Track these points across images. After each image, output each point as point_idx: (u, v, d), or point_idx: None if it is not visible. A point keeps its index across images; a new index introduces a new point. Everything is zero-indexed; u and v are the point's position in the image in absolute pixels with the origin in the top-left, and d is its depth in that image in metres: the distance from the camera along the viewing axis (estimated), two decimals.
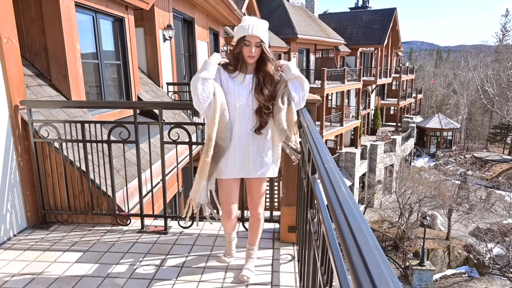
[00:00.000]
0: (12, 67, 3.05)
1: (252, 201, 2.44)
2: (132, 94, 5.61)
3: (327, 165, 1.27)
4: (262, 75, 2.21)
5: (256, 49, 2.14)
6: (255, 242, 2.51)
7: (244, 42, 2.13)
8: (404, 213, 18.70)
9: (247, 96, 2.21)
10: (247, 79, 2.23)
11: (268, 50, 2.20)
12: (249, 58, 2.17)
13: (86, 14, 4.60)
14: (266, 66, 2.20)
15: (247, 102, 2.20)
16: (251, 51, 2.14)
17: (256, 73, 2.23)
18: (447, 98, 49.04)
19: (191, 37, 8.75)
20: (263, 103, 2.19)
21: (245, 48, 2.15)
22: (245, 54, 2.16)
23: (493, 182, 25.20)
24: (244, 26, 2.12)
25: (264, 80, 2.20)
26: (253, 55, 2.15)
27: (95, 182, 3.28)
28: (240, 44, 2.15)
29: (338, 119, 21.83)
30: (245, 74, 2.23)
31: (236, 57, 2.20)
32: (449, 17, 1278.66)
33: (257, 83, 2.21)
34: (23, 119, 3.15)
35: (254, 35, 2.11)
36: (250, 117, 2.22)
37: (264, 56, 2.18)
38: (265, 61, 2.19)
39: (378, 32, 27.52)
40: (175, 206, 5.94)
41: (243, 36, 2.13)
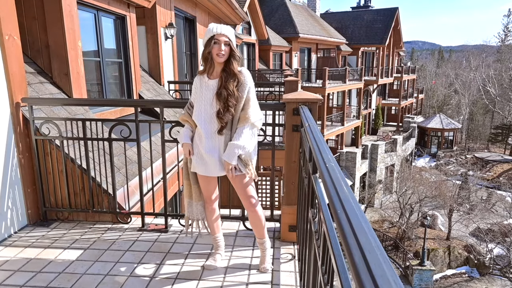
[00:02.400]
0: (14, 64, 3.05)
1: (242, 202, 2.49)
2: (133, 92, 5.61)
3: (329, 164, 1.26)
4: (225, 75, 2.30)
5: (225, 47, 2.25)
6: (262, 235, 2.52)
7: (213, 41, 2.24)
8: (404, 213, 18.69)
9: (210, 99, 2.32)
10: (213, 83, 2.34)
11: (236, 49, 2.31)
12: (218, 57, 2.25)
13: (88, 12, 4.60)
14: (232, 65, 2.29)
15: (211, 105, 2.32)
16: (220, 48, 2.24)
17: (221, 75, 2.31)
18: (448, 98, 48.96)
19: (193, 35, 8.74)
20: (222, 106, 2.28)
21: (214, 47, 2.26)
22: (214, 53, 2.26)
23: (494, 183, 25.18)
24: (211, 29, 2.27)
25: (227, 79, 2.29)
26: (223, 52, 2.24)
27: (96, 180, 3.28)
28: (210, 45, 2.26)
29: (339, 119, 21.80)
30: (211, 79, 2.35)
31: (206, 58, 2.31)
32: (451, 17, 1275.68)
33: (220, 85, 2.30)
34: (24, 117, 3.15)
35: (222, 33, 2.23)
36: (214, 119, 2.32)
37: (232, 54, 2.28)
38: (231, 60, 2.29)
39: (380, 32, 27.46)
40: (175, 205, 5.94)
41: (211, 36, 2.25)
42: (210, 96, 2.32)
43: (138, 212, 3.26)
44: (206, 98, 2.34)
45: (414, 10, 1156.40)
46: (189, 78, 8.78)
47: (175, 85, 7.41)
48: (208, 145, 2.33)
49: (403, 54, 41.11)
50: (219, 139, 2.33)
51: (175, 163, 4.57)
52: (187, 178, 2.51)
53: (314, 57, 24.02)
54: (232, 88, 2.27)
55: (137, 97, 5.68)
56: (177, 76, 7.69)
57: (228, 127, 2.33)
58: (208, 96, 2.33)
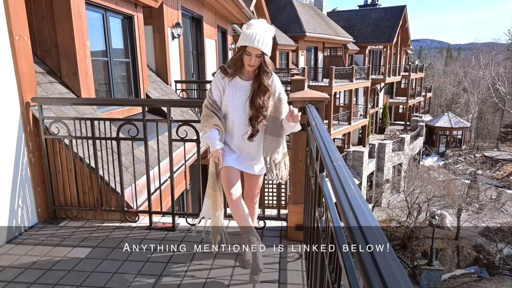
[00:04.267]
0: (24, 64, 3.09)
1: (249, 196, 2.53)
2: (140, 92, 5.64)
3: (336, 163, 1.26)
4: (257, 85, 2.26)
5: (256, 59, 2.18)
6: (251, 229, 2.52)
7: (245, 51, 2.16)
8: (412, 213, 18.54)
9: (244, 101, 2.27)
10: (246, 84, 2.29)
11: (268, 62, 2.22)
12: (248, 66, 2.21)
13: (96, 12, 4.63)
14: (263, 78, 2.23)
15: (243, 107, 2.27)
16: (251, 61, 2.17)
17: (254, 81, 2.28)
18: (457, 97, 48.42)
19: (200, 35, 8.76)
20: (254, 113, 2.26)
21: (245, 56, 2.18)
22: (245, 62, 2.20)
23: (503, 182, 24.85)
24: (248, 35, 2.13)
25: (258, 90, 2.25)
26: (253, 64, 2.18)
27: (104, 178, 3.31)
28: (241, 51, 2.18)
29: (346, 118, 21.70)
30: (243, 80, 2.29)
31: (236, 63, 2.23)
32: (460, 15, 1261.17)
33: (253, 92, 2.26)
34: (34, 116, 3.19)
35: (256, 47, 2.12)
36: (245, 121, 2.30)
37: (263, 68, 2.21)
38: (262, 73, 2.23)
39: (387, 30, 27.26)
40: (182, 204, 5.97)
41: (245, 45, 2.15)
42: (244, 98, 2.28)
43: (146, 211, 3.29)
44: (239, 100, 2.28)
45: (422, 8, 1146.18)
46: (195, 78, 8.81)
47: (182, 84, 7.43)
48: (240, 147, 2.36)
49: (410, 53, 40.78)
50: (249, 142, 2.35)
51: (182, 162, 4.59)
52: (215, 189, 2.40)
53: (320, 56, 23.93)
54: (263, 100, 2.25)
55: (144, 96, 5.72)
56: (184, 76, 7.72)
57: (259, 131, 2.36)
58: (241, 97, 2.28)
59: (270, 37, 2.18)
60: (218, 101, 2.32)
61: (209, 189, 2.44)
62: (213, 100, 2.31)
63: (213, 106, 2.30)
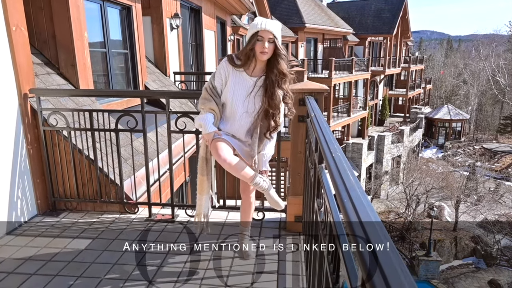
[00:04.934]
0: (21, 55, 3.06)
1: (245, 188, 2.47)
2: (139, 83, 5.61)
3: (335, 154, 1.26)
4: (275, 75, 2.18)
5: (270, 44, 2.12)
6: (248, 224, 2.59)
7: (257, 37, 2.11)
8: (411, 204, 18.64)
9: (245, 96, 2.22)
10: (255, 80, 2.22)
11: (282, 47, 2.17)
12: (261, 55, 2.13)
13: (93, 2, 4.59)
14: (279, 64, 2.17)
15: (243, 103, 2.23)
16: (264, 46, 2.10)
17: (268, 74, 2.21)
18: (457, 89, 48.33)
19: (198, 26, 8.69)
20: (273, 106, 2.20)
21: (258, 44, 2.12)
22: (257, 50, 2.13)
23: (502, 174, 24.91)
24: (257, 23, 2.12)
25: (278, 80, 2.19)
26: (266, 50, 2.12)
27: (103, 170, 3.31)
28: (253, 40, 2.12)
29: (345, 110, 21.66)
30: (252, 76, 2.23)
31: (248, 54, 2.16)
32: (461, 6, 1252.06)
33: (270, 85, 2.19)
34: (32, 108, 3.18)
35: (267, 29, 2.09)
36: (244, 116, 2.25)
37: (277, 52, 2.15)
38: (278, 59, 2.16)
39: (387, 21, 27.07)
40: (182, 195, 5.99)
41: (256, 32, 2.11)
42: (245, 94, 2.22)
43: (145, 203, 3.29)
44: (239, 95, 2.23)
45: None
46: (194, 69, 8.77)
47: (181, 76, 7.40)
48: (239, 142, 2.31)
49: (411, 44, 40.55)
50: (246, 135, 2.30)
51: (181, 154, 4.59)
52: (204, 173, 2.36)
53: (320, 47, 23.80)
54: (287, 88, 2.21)
55: (143, 88, 5.69)
56: (182, 67, 7.68)
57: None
58: (243, 93, 2.22)
59: (279, 25, 2.17)
60: (218, 88, 2.27)
61: (198, 174, 2.39)
62: (213, 86, 2.27)
63: (212, 91, 2.26)
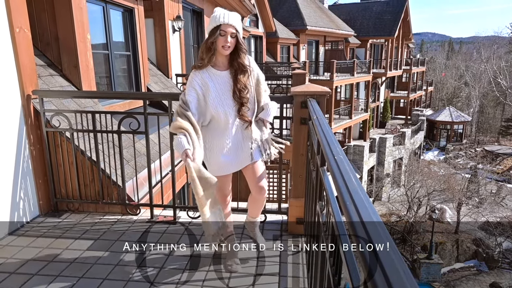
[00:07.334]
0: (25, 57, 3.08)
1: (255, 187, 2.38)
2: (141, 85, 5.63)
3: (337, 156, 1.27)
4: (234, 70, 2.20)
5: (231, 39, 2.11)
6: (258, 214, 2.62)
7: (219, 31, 2.09)
8: (412, 207, 18.59)
9: (229, 90, 2.20)
10: (226, 74, 2.22)
11: (242, 40, 2.18)
12: (223, 49, 2.12)
13: (96, 5, 4.61)
14: (240, 58, 2.18)
15: (231, 97, 2.20)
16: (227, 40, 2.09)
17: (231, 67, 2.21)
18: (458, 91, 48.24)
19: (200, 28, 8.72)
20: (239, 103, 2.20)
21: (219, 38, 2.10)
22: (219, 45, 2.11)
23: (504, 176, 24.86)
24: (218, 16, 2.09)
25: (237, 73, 2.19)
26: (228, 45, 2.11)
27: (105, 172, 3.32)
28: (215, 35, 2.10)
29: (347, 112, 21.65)
30: (221, 70, 2.22)
31: (209, 48, 2.12)
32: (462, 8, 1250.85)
33: (233, 81, 2.20)
34: (35, 109, 3.19)
35: (229, 23, 2.08)
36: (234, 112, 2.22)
37: (239, 47, 2.15)
38: (239, 52, 2.17)
39: (389, 24, 27.09)
40: (183, 197, 5.99)
41: (217, 26, 2.09)
42: (228, 87, 2.20)
43: (147, 204, 3.30)
44: (224, 90, 2.19)
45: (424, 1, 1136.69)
46: None
47: (183, 78, 7.42)
48: (237, 137, 2.27)
49: (412, 46, 40.55)
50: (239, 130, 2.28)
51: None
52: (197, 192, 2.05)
53: (322, 49, 23.82)
54: (244, 82, 2.20)
55: (145, 90, 5.71)
56: (184, 69, 7.70)
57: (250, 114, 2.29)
58: (226, 87, 2.20)
59: (239, 18, 2.15)
60: (192, 102, 2.15)
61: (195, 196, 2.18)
62: (184, 101, 2.15)
63: (183, 107, 2.13)
